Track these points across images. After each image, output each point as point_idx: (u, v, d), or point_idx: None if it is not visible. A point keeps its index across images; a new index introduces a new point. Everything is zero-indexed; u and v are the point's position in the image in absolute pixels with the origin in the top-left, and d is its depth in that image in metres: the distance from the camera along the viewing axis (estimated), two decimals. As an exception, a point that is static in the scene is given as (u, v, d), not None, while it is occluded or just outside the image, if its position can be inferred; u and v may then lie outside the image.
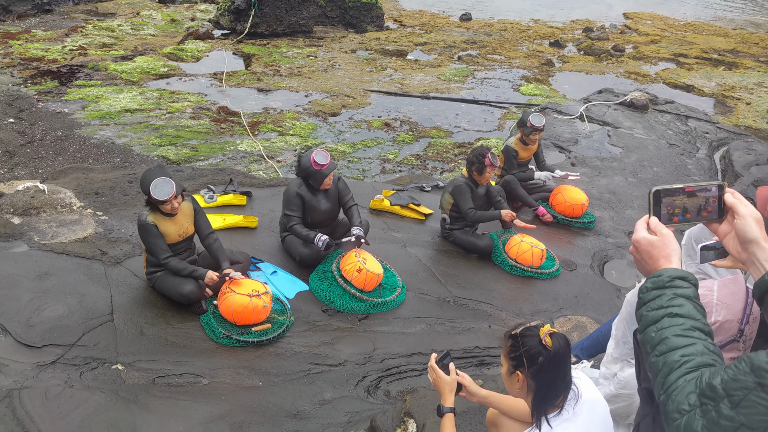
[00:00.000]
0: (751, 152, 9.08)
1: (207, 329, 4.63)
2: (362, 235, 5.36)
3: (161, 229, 4.66)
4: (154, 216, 4.64)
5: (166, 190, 4.51)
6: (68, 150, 8.77)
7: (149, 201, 4.60)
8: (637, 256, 1.70)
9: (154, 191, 4.49)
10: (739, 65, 16.01)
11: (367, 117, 11.25)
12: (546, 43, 17.52)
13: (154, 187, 4.49)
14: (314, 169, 5.31)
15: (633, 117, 10.30)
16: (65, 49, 13.29)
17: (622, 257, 6.53)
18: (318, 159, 5.30)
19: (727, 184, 1.70)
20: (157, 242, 4.63)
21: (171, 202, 4.56)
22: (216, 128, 10.08)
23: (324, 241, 5.26)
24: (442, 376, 2.78)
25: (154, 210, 4.65)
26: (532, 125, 6.87)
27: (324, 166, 5.32)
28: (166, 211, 4.62)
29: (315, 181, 5.38)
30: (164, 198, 4.50)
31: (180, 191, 4.61)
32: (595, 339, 4.45)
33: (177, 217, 4.75)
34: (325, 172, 5.33)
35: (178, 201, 4.62)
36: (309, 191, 5.45)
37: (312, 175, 5.36)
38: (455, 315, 5.27)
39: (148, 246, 4.67)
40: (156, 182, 4.50)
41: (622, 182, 8.14)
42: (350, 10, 17.55)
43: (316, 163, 5.29)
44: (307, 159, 5.34)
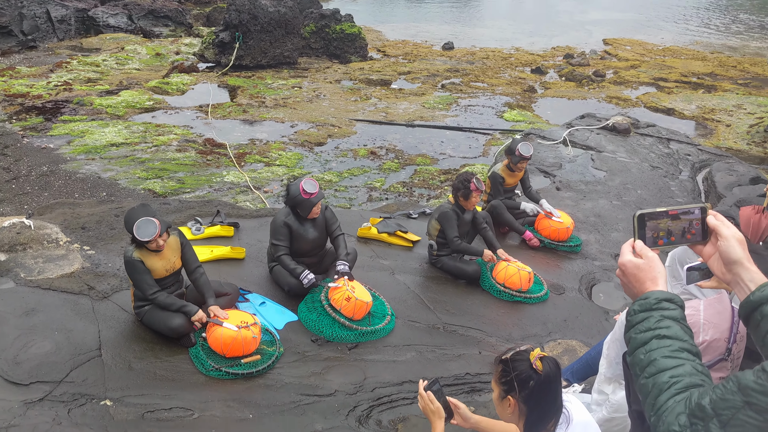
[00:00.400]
0: (733, 173, 9.20)
1: (196, 362, 4.59)
2: (347, 271, 5.36)
3: (148, 264, 4.63)
4: (140, 252, 4.62)
5: (150, 231, 4.49)
6: (54, 185, 8.75)
7: (134, 239, 4.59)
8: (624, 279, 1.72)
9: (137, 232, 4.47)
10: (718, 88, 16.28)
11: (352, 146, 11.32)
12: (528, 70, 17.75)
13: (138, 228, 4.47)
14: (303, 197, 5.33)
15: (616, 141, 10.42)
16: (50, 85, 13.31)
17: (610, 280, 6.56)
18: (307, 187, 5.33)
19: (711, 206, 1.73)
20: (143, 278, 4.60)
21: (156, 241, 4.54)
22: (202, 160, 10.10)
23: (310, 280, 5.27)
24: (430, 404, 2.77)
25: (140, 246, 4.63)
26: (521, 154, 6.93)
27: (312, 195, 5.34)
28: (151, 248, 4.61)
29: (303, 210, 5.40)
30: (148, 239, 4.48)
31: (165, 229, 4.60)
32: (585, 362, 4.46)
33: (164, 252, 4.73)
34: (313, 201, 5.35)
35: (163, 239, 4.60)
36: (296, 220, 5.45)
37: (300, 203, 5.37)
38: (445, 342, 5.26)
39: (135, 282, 4.65)
40: (139, 223, 4.48)
41: (607, 205, 8.21)
42: (334, 42, 17.74)
43: (304, 192, 5.31)
44: (296, 187, 5.36)
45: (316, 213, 5.45)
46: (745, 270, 1.62)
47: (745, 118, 13.78)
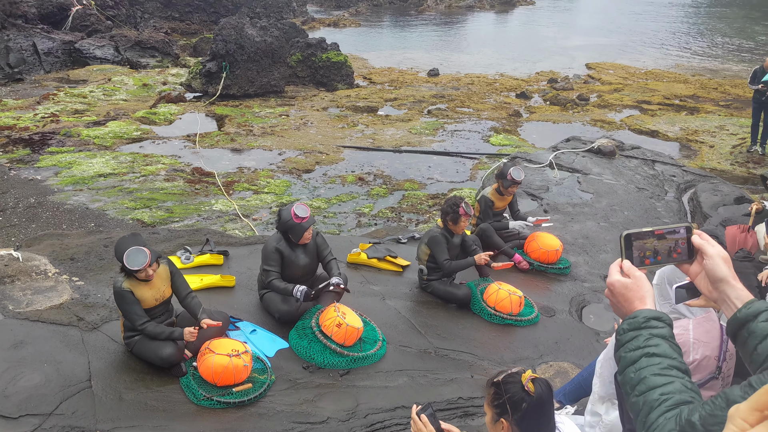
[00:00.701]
0: (718, 193, 9.31)
1: (187, 392, 4.56)
2: (341, 281, 5.35)
3: (137, 294, 4.62)
4: (129, 282, 4.60)
5: (140, 260, 4.48)
6: (42, 217, 8.72)
7: (124, 268, 4.58)
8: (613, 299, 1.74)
9: (127, 261, 4.46)
10: (701, 110, 16.51)
11: (340, 172, 11.36)
12: (512, 95, 17.94)
13: (128, 256, 4.47)
14: (294, 222, 5.34)
15: (601, 163, 10.53)
16: (37, 117, 13.32)
17: (599, 301, 6.59)
18: (298, 212, 5.34)
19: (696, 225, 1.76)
20: (133, 308, 4.58)
21: (145, 270, 4.54)
22: (191, 189, 10.11)
23: (302, 291, 5.25)
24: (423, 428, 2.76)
25: (130, 276, 4.62)
26: (513, 178, 7.00)
27: (304, 219, 5.35)
28: (141, 278, 4.60)
29: (294, 235, 5.40)
30: (138, 268, 4.48)
31: (155, 258, 4.59)
32: (577, 384, 4.47)
33: (153, 281, 4.71)
34: (304, 225, 5.36)
35: (153, 268, 4.59)
36: (288, 246, 5.46)
37: (292, 228, 5.38)
38: (437, 366, 5.26)
39: (124, 312, 4.63)
40: (129, 252, 4.48)
41: (595, 227, 8.27)
42: (320, 70, 17.88)
43: (296, 216, 5.33)
44: (288, 212, 5.38)
45: (308, 238, 5.46)
46: (731, 288, 1.64)
47: (727, 138, 13.97)
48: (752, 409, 0.99)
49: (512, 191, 7.17)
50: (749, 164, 12.40)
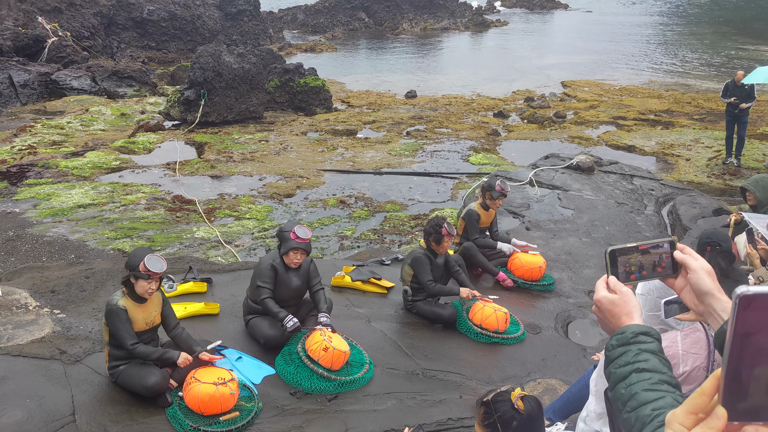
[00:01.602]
0: (696, 205, 9.42)
1: (174, 422, 4.50)
2: (329, 323, 5.33)
3: (130, 315, 4.62)
4: (125, 300, 4.61)
5: (159, 266, 4.56)
6: (21, 250, 8.62)
7: (128, 281, 4.59)
8: (600, 315, 1.75)
9: (148, 263, 4.50)
10: (675, 124, 16.76)
11: (322, 196, 11.36)
12: (490, 114, 18.10)
13: (150, 259, 4.52)
14: (290, 238, 5.32)
15: (580, 179, 10.63)
16: (14, 150, 13.20)
17: (585, 317, 6.62)
18: (299, 233, 5.34)
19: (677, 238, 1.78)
20: (125, 327, 4.57)
21: (154, 281, 4.57)
22: (172, 217, 10.05)
23: (294, 324, 5.23)
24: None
25: (127, 293, 4.63)
26: (501, 189, 7.06)
27: (300, 240, 5.32)
28: (142, 288, 4.57)
29: (283, 248, 5.38)
30: (157, 270, 4.52)
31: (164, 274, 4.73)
32: (566, 400, 4.47)
33: (147, 304, 4.71)
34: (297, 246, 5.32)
35: (156, 284, 4.63)
36: (283, 266, 5.44)
37: (285, 241, 5.36)
38: (425, 388, 5.24)
39: (114, 332, 4.58)
40: (150, 256, 4.56)
41: (577, 243, 8.32)
42: (298, 95, 17.94)
43: (295, 236, 5.32)
44: (290, 226, 5.38)
45: (294, 262, 5.42)
46: (717, 300, 1.66)
47: (703, 151, 14.17)
48: (687, 412, 1.01)
49: (498, 204, 7.23)
50: (725, 176, 12.58)
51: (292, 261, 5.40)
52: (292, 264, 5.42)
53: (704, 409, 1.00)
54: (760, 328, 0.92)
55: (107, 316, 4.60)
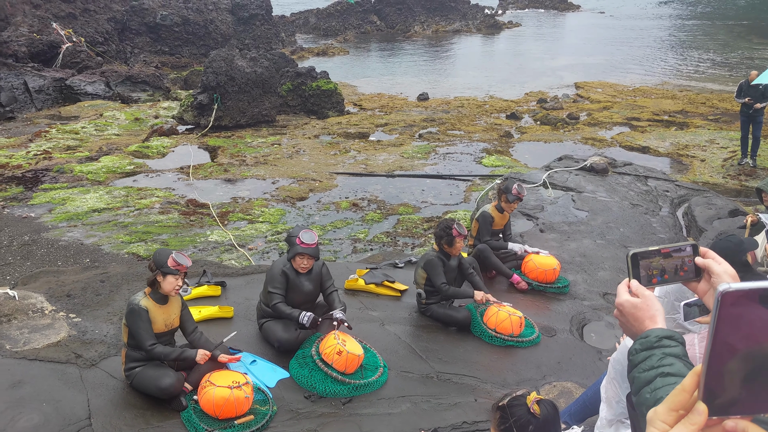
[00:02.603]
0: (712, 207, 9.34)
1: (188, 426, 4.51)
2: (344, 318, 5.33)
3: (151, 315, 4.67)
4: (146, 301, 4.68)
5: (185, 261, 4.71)
6: (36, 254, 8.67)
7: (154, 281, 4.68)
8: (622, 319, 1.72)
9: (177, 257, 4.65)
10: (690, 125, 16.64)
11: (334, 199, 11.37)
12: (503, 116, 18.05)
13: (177, 254, 4.67)
14: (296, 243, 5.34)
15: (594, 181, 10.57)
16: (29, 155, 13.31)
17: (600, 319, 6.57)
18: (303, 238, 5.35)
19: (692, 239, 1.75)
20: (145, 327, 4.63)
21: (179, 278, 4.69)
22: (185, 221, 10.09)
23: (310, 316, 5.23)
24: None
25: (148, 295, 4.70)
26: (518, 192, 7.05)
27: (305, 246, 5.33)
28: (167, 286, 4.66)
29: (289, 254, 5.39)
30: (183, 264, 4.66)
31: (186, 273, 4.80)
32: (582, 403, 4.44)
33: (167, 306, 4.78)
34: (303, 251, 5.32)
35: (181, 282, 4.72)
36: (293, 271, 5.45)
37: (292, 246, 5.38)
38: (440, 391, 5.22)
39: (135, 331, 4.62)
40: (177, 253, 4.70)
41: (591, 245, 8.27)
42: (311, 98, 17.97)
43: (300, 241, 5.33)
44: (297, 231, 5.39)
45: (303, 267, 5.42)
46: None
47: (718, 152, 14.06)
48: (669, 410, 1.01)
49: (514, 207, 7.21)
50: (741, 177, 12.47)
51: (299, 266, 5.40)
52: (300, 269, 5.42)
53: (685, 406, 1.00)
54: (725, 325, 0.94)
55: (128, 316, 4.65)
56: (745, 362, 0.95)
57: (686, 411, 1.00)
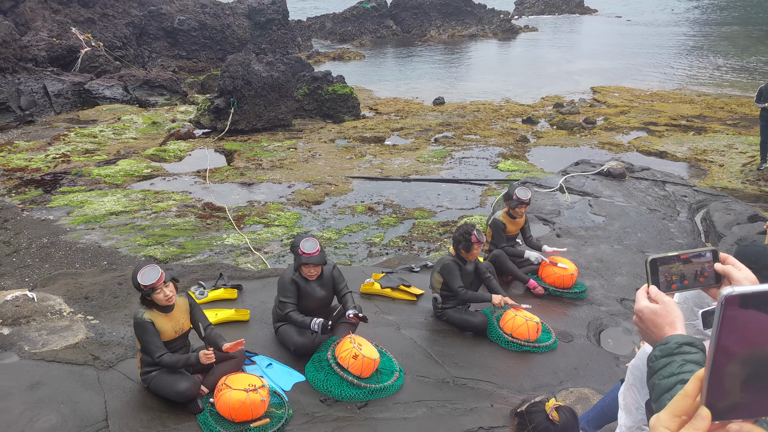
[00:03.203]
0: (731, 212, 9.25)
1: (204, 428, 4.52)
2: (357, 312, 5.31)
3: (157, 326, 4.65)
4: (150, 313, 4.64)
5: (153, 275, 4.54)
6: (55, 256, 8.75)
7: (143, 298, 4.61)
8: (642, 326, 1.71)
9: (141, 278, 4.51)
10: (708, 129, 16.49)
11: (350, 203, 11.38)
12: (519, 121, 18.00)
13: (142, 274, 4.53)
14: (300, 255, 5.33)
15: (612, 186, 10.50)
16: (48, 158, 13.44)
17: (617, 325, 6.52)
18: (305, 248, 5.31)
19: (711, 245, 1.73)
20: (152, 340, 4.60)
21: (162, 290, 4.56)
22: (202, 224, 10.14)
23: (319, 323, 5.21)
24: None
25: (150, 307, 4.64)
26: (518, 198, 6.98)
27: (308, 255, 5.30)
28: (159, 301, 4.59)
29: (296, 265, 5.39)
30: (151, 282, 4.50)
31: (169, 278, 4.62)
32: (600, 410, 4.40)
33: (173, 313, 4.74)
34: (309, 261, 5.29)
35: (170, 289, 4.63)
36: (303, 278, 5.44)
37: (297, 258, 5.38)
38: (456, 396, 5.20)
39: (143, 344, 4.63)
40: (143, 270, 4.56)
41: (609, 250, 8.22)
42: (327, 102, 18.01)
43: (302, 252, 5.31)
44: (298, 242, 5.36)
45: (311, 275, 5.40)
46: None
47: (737, 157, 13.92)
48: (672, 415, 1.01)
49: (521, 212, 7.14)
50: (760, 182, 12.34)
51: (307, 274, 5.39)
52: (308, 277, 5.41)
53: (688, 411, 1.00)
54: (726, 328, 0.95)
55: (135, 329, 4.64)
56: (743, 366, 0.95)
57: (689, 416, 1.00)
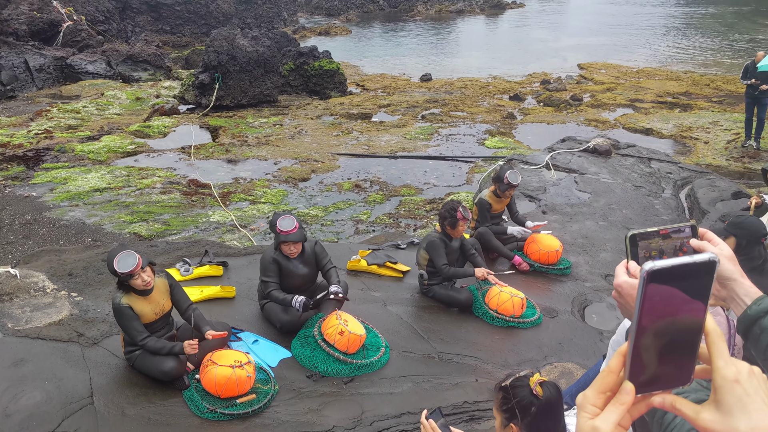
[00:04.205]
0: (715, 188, 9.31)
1: (191, 405, 4.52)
2: (340, 290, 5.31)
3: (136, 309, 4.57)
4: (128, 298, 4.56)
5: (130, 262, 4.43)
6: (38, 233, 8.67)
7: (120, 282, 4.53)
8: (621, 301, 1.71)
9: (117, 265, 4.41)
10: (694, 106, 16.55)
11: (337, 180, 11.34)
12: (506, 98, 17.96)
13: (118, 261, 4.42)
14: (278, 233, 5.29)
15: (597, 162, 10.53)
16: (31, 134, 13.28)
17: (601, 300, 6.57)
18: (282, 225, 5.24)
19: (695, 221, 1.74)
20: (132, 324, 4.53)
21: (140, 276, 4.47)
22: (187, 201, 10.07)
23: (301, 302, 5.20)
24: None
25: (128, 291, 4.57)
26: (509, 182, 6.96)
27: (286, 233, 5.25)
28: (137, 286, 4.52)
29: (275, 241, 5.36)
30: (128, 270, 4.41)
31: (146, 263, 4.54)
32: (583, 384, 4.44)
33: (152, 295, 4.67)
34: (287, 238, 5.25)
35: (147, 274, 4.54)
36: (284, 257, 5.42)
37: (276, 237, 5.35)
38: (441, 371, 5.23)
39: (124, 329, 4.58)
40: (119, 256, 4.44)
41: (594, 226, 8.26)
42: (313, 78, 17.88)
43: (280, 230, 5.26)
44: (275, 221, 5.31)
45: (292, 253, 5.37)
46: (739, 285, 1.63)
47: (722, 134, 13.99)
48: (597, 392, 1.02)
49: (509, 194, 7.15)
50: (744, 159, 12.42)
51: (288, 252, 5.36)
52: (290, 255, 5.38)
53: (613, 387, 1.01)
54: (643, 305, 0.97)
55: (114, 314, 4.57)
56: (656, 338, 0.97)
57: (614, 392, 1.01)
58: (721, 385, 0.98)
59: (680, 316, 0.97)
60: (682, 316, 0.97)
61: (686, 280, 0.97)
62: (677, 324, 0.98)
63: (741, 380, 0.97)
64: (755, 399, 0.96)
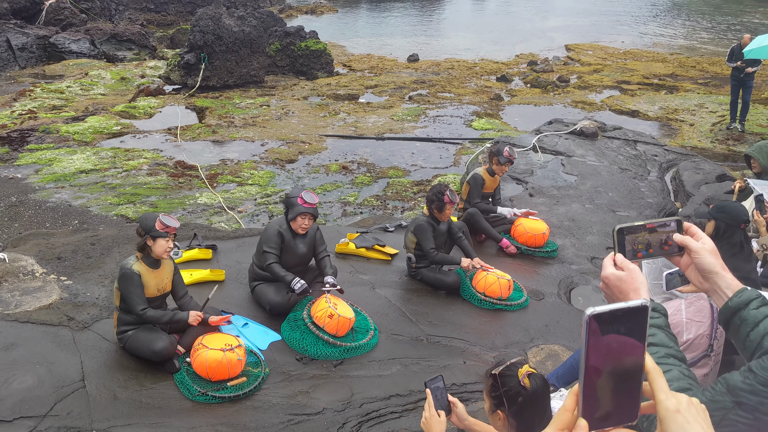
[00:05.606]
0: (700, 171, 9.41)
1: (182, 387, 4.56)
2: (335, 283, 5.39)
3: (143, 280, 4.69)
4: (139, 266, 4.69)
5: (174, 223, 4.69)
6: (24, 216, 8.63)
7: (144, 246, 4.68)
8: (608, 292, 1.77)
9: (164, 219, 4.63)
10: (680, 88, 16.63)
11: (324, 161, 11.33)
12: (493, 79, 17.96)
13: (164, 216, 4.66)
14: (298, 204, 5.35)
15: (584, 145, 10.59)
16: (14, 114, 13.13)
17: (588, 283, 6.65)
18: (306, 198, 5.39)
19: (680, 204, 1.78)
20: (137, 292, 4.64)
21: (170, 239, 4.68)
22: (174, 183, 10.04)
23: (302, 285, 5.27)
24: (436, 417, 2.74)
25: (141, 260, 4.71)
26: (509, 155, 7.04)
27: (309, 205, 5.36)
28: (160, 248, 4.66)
29: (291, 214, 5.41)
30: (173, 226, 4.66)
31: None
32: (569, 366, 4.53)
33: (160, 270, 4.80)
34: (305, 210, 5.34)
35: (171, 244, 4.72)
36: (290, 232, 5.48)
37: (292, 206, 5.39)
38: (429, 353, 5.29)
39: (126, 296, 4.63)
40: (163, 215, 4.69)
41: (580, 209, 8.33)
42: (300, 59, 17.78)
43: (303, 201, 5.35)
44: (297, 191, 5.42)
45: (303, 227, 5.44)
46: (721, 278, 1.68)
47: (707, 116, 14.09)
48: (555, 429, 1.08)
49: (505, 170, 7.23)
50: (729, 141, 12.53)
51: (300, 226, 5.42)
52: (299, 229, 5.44)
53: (569, 425, 1.07)
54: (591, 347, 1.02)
55: (120, 280, 4.65)
56: (609, 378, 1.03)
57: (570, 429, 1.06)
58: (664, 416, 1.06)
59: (623, 355, 1.03)
60: (624, 356, 1.03)
61: (623, 323, 1.03)
62: (622, 363, 1.03)
63: (681, 410, 1.06)
64: (695, 426, 1.05)
